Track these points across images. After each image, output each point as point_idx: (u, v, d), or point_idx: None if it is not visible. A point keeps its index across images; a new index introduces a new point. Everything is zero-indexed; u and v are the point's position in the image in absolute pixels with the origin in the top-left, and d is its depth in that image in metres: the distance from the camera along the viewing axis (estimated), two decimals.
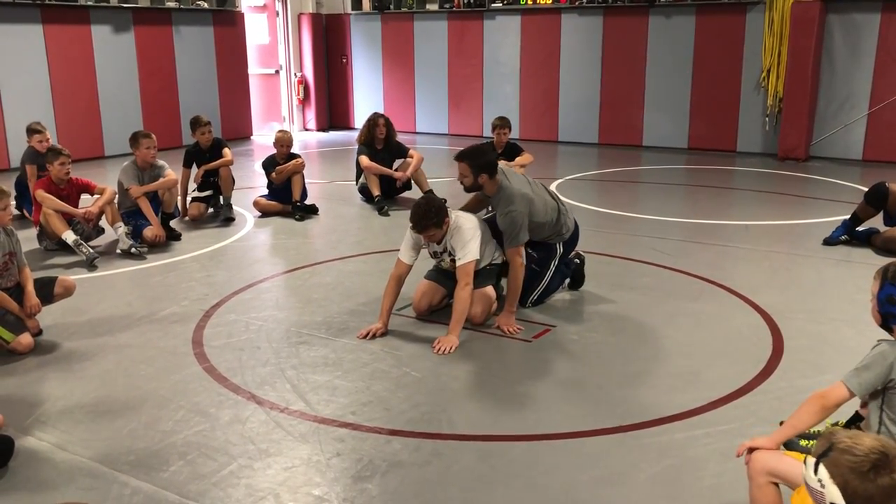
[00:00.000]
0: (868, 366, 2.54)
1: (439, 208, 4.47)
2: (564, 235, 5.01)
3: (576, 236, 5.14)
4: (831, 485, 1.86)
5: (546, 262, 4.99)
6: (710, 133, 11.55)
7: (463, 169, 4.74)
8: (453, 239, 4.56)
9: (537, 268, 4.98)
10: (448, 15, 13.38)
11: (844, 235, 6.31)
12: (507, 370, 4.11)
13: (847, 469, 1.84)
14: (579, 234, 5.19)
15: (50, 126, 9.81)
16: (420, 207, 4.45)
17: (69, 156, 6.26)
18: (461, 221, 4.58)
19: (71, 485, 3.03)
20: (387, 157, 8.18)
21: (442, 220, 4.48)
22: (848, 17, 10.34)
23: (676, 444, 3.29)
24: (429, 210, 4.43)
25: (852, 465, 1.84)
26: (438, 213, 4.45)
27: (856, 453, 1.85)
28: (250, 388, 3.85)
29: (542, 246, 4.99)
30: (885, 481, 1.82)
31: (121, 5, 11.33)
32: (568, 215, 5.05)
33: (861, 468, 1.82)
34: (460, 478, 3.06)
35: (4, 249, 4.44)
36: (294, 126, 14.54)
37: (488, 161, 4.72)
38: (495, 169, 4.73)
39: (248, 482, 3.04)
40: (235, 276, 5.73)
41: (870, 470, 1.82)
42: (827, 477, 1.87)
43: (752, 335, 4.49)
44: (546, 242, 4.99)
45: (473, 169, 4.69)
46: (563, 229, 4.99)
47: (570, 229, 5.05)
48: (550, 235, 4.97)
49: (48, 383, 3.98)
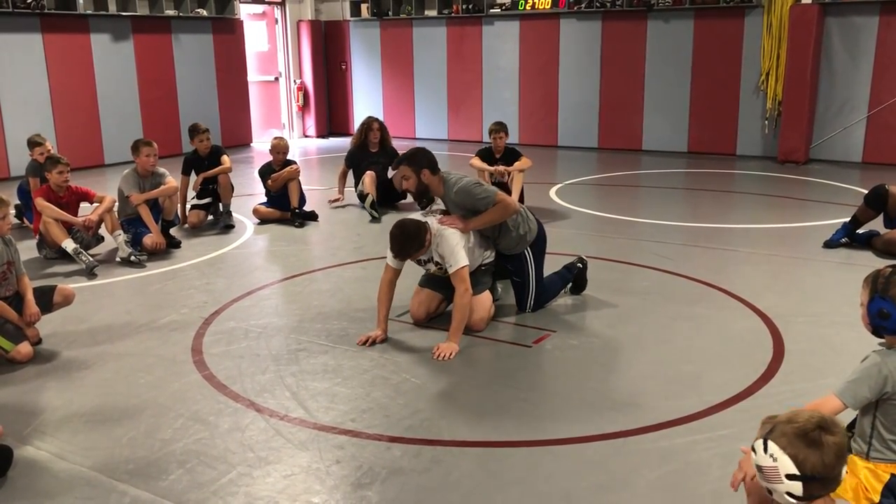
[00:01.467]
0: (861, 379, 2.51)
1: (416, 231, 4.40)
2: (529, 238, 4.87)
3: (542, 236, 4.99)
4: (783, 455, 1.92)
5: (522, 269, 4.88)
6: (710, 137, 11.55)
7: (404, 171, 4.71)
8: (439, 248, 4.49)
9: (518, 279, 4.91)
10: (447, 21, 13.40)
11: (845, 238, 6.30)
12: (507, 376, 4.09)
13: (794, 436, 1.91)
14: (546, 235, 5.05)
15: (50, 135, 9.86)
16: (396, 239, 4.39)
17: (68, 164, 6.27)
18: (443, 229, 4.51)
19: (70, 494, 3.02)
20: (383, 160, 8.15)
21: (423, 240, 4.43)
22: (846, 19, 10.35)
23: (677, 449, 3.27)
24: (406, 238, 4.39)
25: (798, 430, 1.91)
26: (417, 237, 4.40)
27: (798, 420, 1.93)
28: (250, 396, 3.84)
29: (511, 258, 4.88)
30: (832, 440, 1.89)
31: (120, 14, 11.36)
32: (528, 215, 4.92)
33: (807, 429, 1.90)
34: (460, 484, 3.05)
35: (3, 259, 4.44)
36: (294, 133, 14.57)
37: (426, 157, 4.68)
38: (436, 165, 4.69)
39: (248, 490, 3.02)
40: (235, 284, 5.73)
41: (815, 429, 1.89)
42: (777, 449, 1.92)
43: (753, 339, 4.48)
44: (514, 254, 4.87)
45: (414, 168, 4.66)
46: (525, 231, 4.83)
47: (533, 230, 4.90)
48: (516, 244, 4.82)
49: (47, 392, 3.97)
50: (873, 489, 2.52)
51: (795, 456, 1.89)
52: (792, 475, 1.90)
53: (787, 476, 1.91)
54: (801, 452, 1.89)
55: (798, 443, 1.90)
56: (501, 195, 4.67)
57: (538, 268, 4.95)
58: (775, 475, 1.92)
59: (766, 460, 1.94)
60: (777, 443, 1.92)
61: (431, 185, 4.70)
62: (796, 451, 1.89)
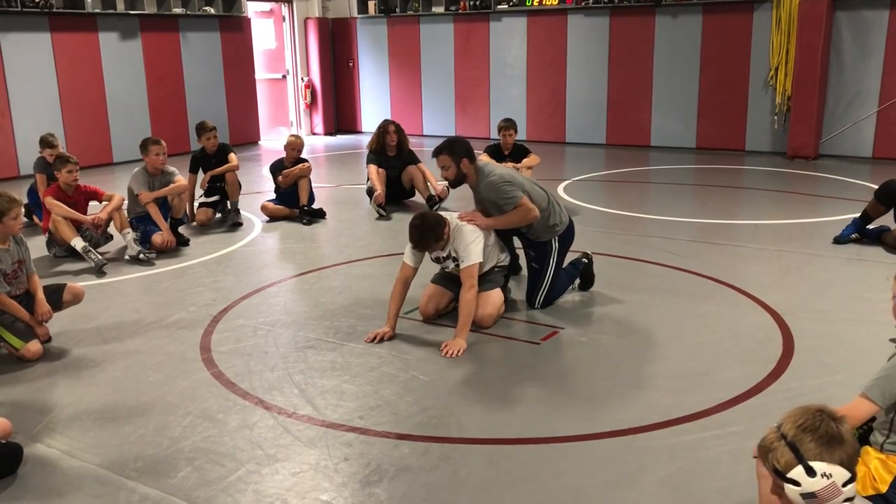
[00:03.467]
0: (889, 376, 2.50)
1: (436, 223, 4.45)
2: (558, 230, 4.96)
3: (571, 231, 5.09)
4: (834, 467, 1.83)
5: (545, 258, 4.94)
6: (719, 132, 11.50)
7: (444, 161, 4.77)
8: (455, 243, 4.53)
9: (536, 265, 4.96)
10: (454, 17, 13.38)
11: (855, 234, 6.26)
12: (515, 373, 4.09)
13: (823, 443, 1.81)
14: (575, 231, 5.15)
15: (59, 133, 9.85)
16: (417, 228, 4.43)
17: (77, 163, 6.29)
18: (462, 225, 4.56)
19: (79, 491, 3.03)
20: (398, 164, 8.12)
21: (441, 233, 4.46)
22: (856, 13, 10.28)
23: (686, 445, 3.26)
24: (426, 228, 4.42)
25: (824, 433, 1.82)
26: (436, 229, 4.44)
27: (811, 423, 1.84)
28: (258, 394, 3.84)
29: (537, 245, 4.96)
30: (839, 428, 1.83)
31: (128, 12, 11.39)
32: (560, 209, 5.03)
33: (825, 429, 1.82)
34: (469, 482, 3.05)
35: (14, 257, 4.46)
36: (302, 130, 14.57)
37: (466, 147, 4.77)
38: (473, 154, 4.78)
39: (257, 487, 3.03)
40: (243, 281, 5.74)
41: (826, 420, 1.83)
42: (825, 465, 1.84)
43: (763, 335, 4.46)
44: (541, 241, 4.96)
45: (454, 158, 4.73)
46: (555, 223, 4.93)
47: (563, 223, 5.00)
48: (543, 232, 4.93)
49: (57, 390, 3.99)
50: (882, 480, 2.51)
51: (841, 460, 1.82)
52: (848, 480, 1.84)
53: (846, 484, 1.84)
54: (838, 454, 1.82)
55: (832, 447, 1.82)
56: (525, 200, 4.71)
57: (560, 259, 5.00)
58: (834, 491, 1.83)
59: (820, 483, 1.84)
60: (821, 458, 1.83)
61: (469, 175, 4.78)
62: (837, 456, 1.82)
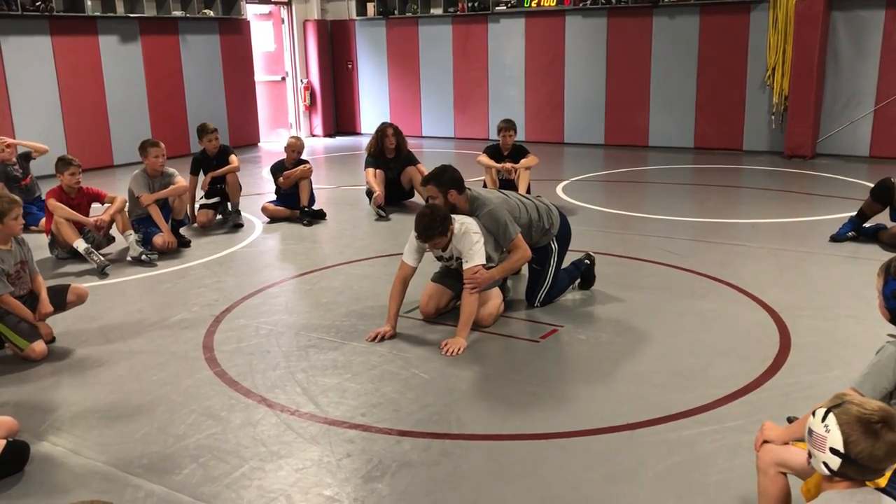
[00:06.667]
0: (879, 370, 2.53)
1: (444, 217, 4.47)
2: (553, 232, 5.03)
3: (566, 230, 5.15)
4: (837, 430, 1.97)
5: (545, 259, 5.00)
6: (716, 132, 11.55)
7: (431, 191, 4.81)
8: (460, 243, 4.56)
9: (537, 266, 5.01)
10: (452, 19, 13.42)
11: (851, 232, 6.31)
12: (515, 371, 4.13)
13: (855, 419, 1.96)
14: (570, 228, 5.20)
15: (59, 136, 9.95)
16: (425, 217, 4.44)
17: (79, 165, 6.33)
18: (467, 226, 4.58)
19: (85, 489, 3.06)
20: (397, 165, 8.16)
21: (447, 229, 4.49)
22: (852, 13, 10.33)
23: (684, 441, 3.30)
24: (433, 219, 4.43)
25: (861, 415, 1.95)
26: (443, 222, 4.46)
27: (867, 408, 1.97)
28: (261, 392, 3.88)
29: (537, 248, 4.99)
30: (890, 436, 1.93)
31: (128, 15, 11.42)
32: (551, 209, 5.07)
33: (871, 419, 1.94)
34: (470, 477, 3.09)
35: (16, 258, 4.49)
36: (301, 132, 14.61)
37: (452, 177, 4.77)
38: (462, 184, 4.77)
39: (260, 483, 3.07)
40: (245, 282, 5.78)
41: (878, 421, 1.94)
42: (834, 423, 1.98)
43: (760, 332, 4.50)
44: (541, 245, 5.00)
45: (441, 189, 4.74)
46: (549, 226, 5.00)
47: (556, 224, 5.05)
48: (540, 237, 4.99)
49: (62, 389, 4.03)
50: None
51: (848, 436, 1.95)
52: (835, 450, 1.97)
53: (831, 449, 1.97)
54: (855, 435, 1.95)
55: (857, 426, 1.95)
56: (519, 238, 4.73)
57: (559, 259, 5.05)
58: (821, 443, 1.99)
59: (819, 427, 2.01)
60: (838, 418, 1.98)
61: (458, 205, 4.77)
62: (850, 432, 1.95)
